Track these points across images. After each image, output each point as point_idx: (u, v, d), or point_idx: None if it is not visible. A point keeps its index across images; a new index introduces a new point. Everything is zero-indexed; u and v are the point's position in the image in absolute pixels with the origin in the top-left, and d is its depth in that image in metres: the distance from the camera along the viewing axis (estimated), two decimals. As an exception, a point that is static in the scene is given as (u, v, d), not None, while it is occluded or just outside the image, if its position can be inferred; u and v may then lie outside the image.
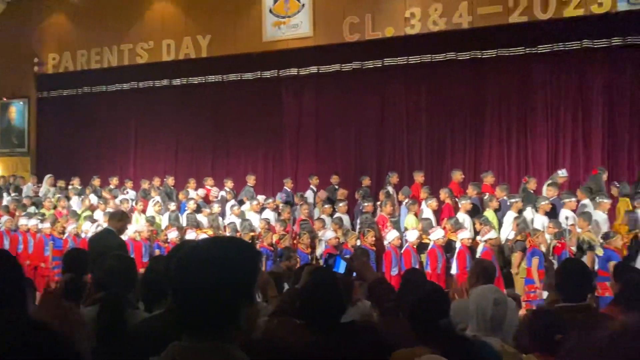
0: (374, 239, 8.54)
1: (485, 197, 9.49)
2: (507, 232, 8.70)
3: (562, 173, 9.85)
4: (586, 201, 8.76)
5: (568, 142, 11.19)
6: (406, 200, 9.97)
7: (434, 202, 9.56)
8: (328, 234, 8.89)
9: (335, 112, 12.90)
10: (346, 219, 10.03)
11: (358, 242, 8.71)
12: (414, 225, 8.99)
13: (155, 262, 2.97)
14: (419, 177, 10.73)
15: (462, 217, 8.99)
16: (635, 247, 7.66)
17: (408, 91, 12.40)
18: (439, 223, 9.18)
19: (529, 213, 8.95)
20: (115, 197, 12.19)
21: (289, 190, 11.67)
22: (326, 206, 10.56)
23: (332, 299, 2.26)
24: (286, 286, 4.35)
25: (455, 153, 12.02)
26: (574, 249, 7.75)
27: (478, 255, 7.70)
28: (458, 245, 8.20)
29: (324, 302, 2.22)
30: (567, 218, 8.33)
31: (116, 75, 14.54)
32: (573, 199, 8.66)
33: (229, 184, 12.10)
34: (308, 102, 13.25)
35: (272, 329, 2.31)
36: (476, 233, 8.49)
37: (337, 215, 10.00)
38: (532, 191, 9.66)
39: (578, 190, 9.22)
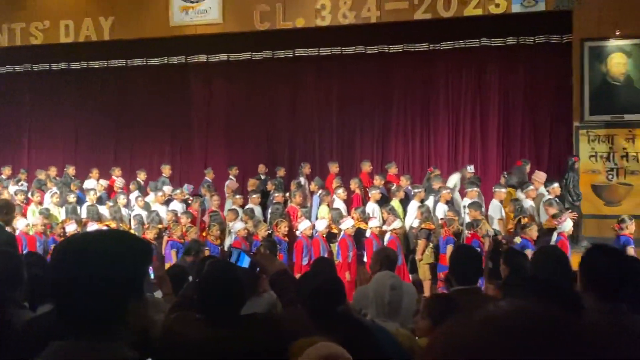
0: (286, 229, 8.55)
1: (393, 187, 9.80)
2: (411, 220, 9.00)
3: (470, 169, 10.25)
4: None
5: (467, 135, 11.76)
6: (320, 191, 10.05)
7: (343, 192, 9.69)
8: (237, 225, 8.79)
9: (246, 101, 12.76)
10: (258, 210, 9.98)
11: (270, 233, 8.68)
12: (325, 216, 9.09)
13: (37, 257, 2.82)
14: (333, 167, 10.85)
15: (372, 206, 9.21)
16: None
17: (319, 82, 12.51)
18: (349, 213, 9.38)
19: (431, 202, 9.38)
20: (6, 187, 11.34)
21: (209, 180, 11.36)
22: (237, 197, 10.46)
23: (230, 291, 2.22)
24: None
25: (364, 144, 12.31)
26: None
27: (385, 243, 7.91)
28: (368, 234, 8.37)
29: (221, 295, 2.19)
30: (464, 207, 8.72)
31: (7, 56, 13.46)
32: (475, 189, 9.08)
33: (141, 175, 11.64)
34: (218, 90, 13.00)
35: (169, 324, 2.24)
36: (384, 222, 8.74)
37: (248, 206, 9.91)
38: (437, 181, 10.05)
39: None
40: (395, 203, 9.26)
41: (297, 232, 8.39)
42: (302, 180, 10.66)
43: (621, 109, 10.64)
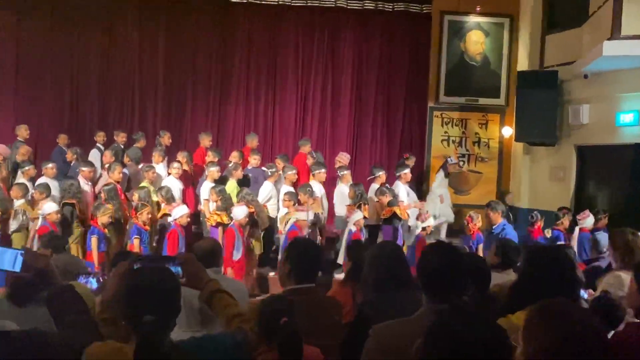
0: (149, 215, 6.94)
1: (230, 165, 8.34)
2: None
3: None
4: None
5: (317, 108, 10.93)
6: (141, 165, 8.56)
7: (175, 169, 8.11)
8: (48, 207, 6.80)
9: (45, 50, 10.14)
10: (55, 184, 7.72)
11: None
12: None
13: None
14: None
15: (208, 185, 7.74)
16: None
17: (142, 35, 10.48)
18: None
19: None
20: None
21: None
22: (28, 167, 8.00)
23: None
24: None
25: (197, 109, 10.70)
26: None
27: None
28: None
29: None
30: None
31: None
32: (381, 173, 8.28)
33: None
34: (6, 33, 10.16)
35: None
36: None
37: (42, 180, 7.71)
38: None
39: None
40: (232, 184, 7.85)
41: (170, 219, 6.85)
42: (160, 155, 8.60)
43: (476, 91, 10.21)
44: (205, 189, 7.73)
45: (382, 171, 8.31)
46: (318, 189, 7.88)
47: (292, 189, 7.58)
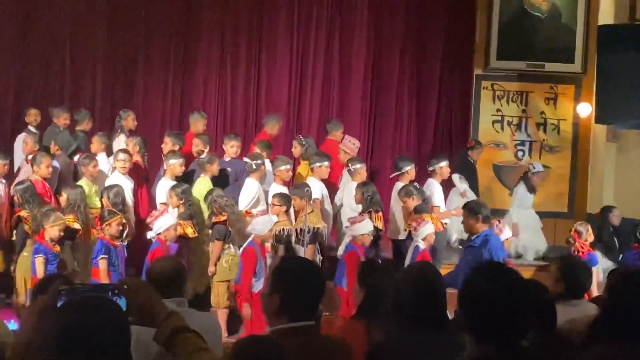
0: (119, 227, 7.09)
1: (202, 157, 8.49)
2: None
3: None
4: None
5: (319, 70, 11.02)
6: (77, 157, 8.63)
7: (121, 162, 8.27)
8: None
9: None
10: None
11: None
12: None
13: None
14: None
15: (166, 184, 7.92)
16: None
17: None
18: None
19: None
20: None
21: None
22: None
23: None
24: None
25: (152, 79, 11.00)
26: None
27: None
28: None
29: None
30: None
31: None
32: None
33: None
34: None
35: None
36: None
37: None
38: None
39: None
40: (205, 183, 8.00)
41: (150, 234, 7.09)
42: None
43: (541, 53, 10.21)
44: (163, 189, 7.78)
45: (411, 165, 8.30)
46: (319, 188, 7.94)
47: (284, 189, 7.71)
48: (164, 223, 6.74)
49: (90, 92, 10.81)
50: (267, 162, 8.30)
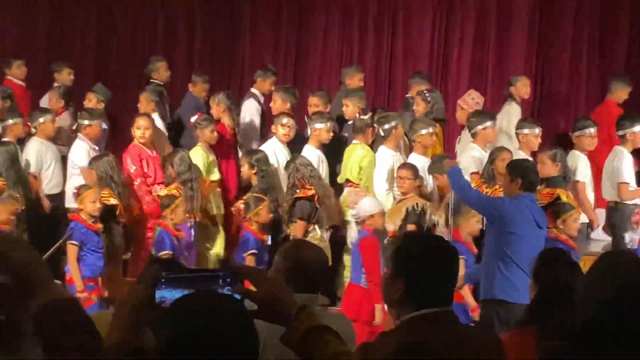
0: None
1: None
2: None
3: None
4: None
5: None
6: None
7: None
8: None
9: None
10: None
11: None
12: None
13: None
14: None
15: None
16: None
17: None
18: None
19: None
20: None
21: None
22: None
23: None
24: None
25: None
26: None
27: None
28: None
29: None
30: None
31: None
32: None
33: None
34: None
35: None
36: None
37: None
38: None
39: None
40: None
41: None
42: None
43: None
44: (312, 159, 7.49)
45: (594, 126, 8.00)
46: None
47: (425, 161, 7.50)
48: (368, 208, 6.45)
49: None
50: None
